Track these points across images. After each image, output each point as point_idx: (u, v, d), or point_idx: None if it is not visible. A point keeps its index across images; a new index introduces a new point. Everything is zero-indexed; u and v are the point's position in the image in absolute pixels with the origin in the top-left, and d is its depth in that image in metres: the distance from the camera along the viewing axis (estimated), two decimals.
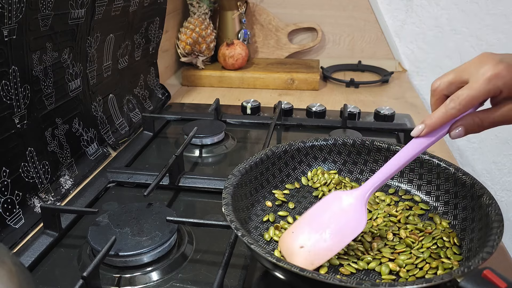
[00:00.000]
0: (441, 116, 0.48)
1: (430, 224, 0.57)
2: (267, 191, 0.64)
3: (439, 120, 0.48)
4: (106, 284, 0.53)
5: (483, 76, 0.45)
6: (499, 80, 0.45)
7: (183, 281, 0.54)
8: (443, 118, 0.48)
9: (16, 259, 0.35)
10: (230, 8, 1.32)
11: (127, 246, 0.55)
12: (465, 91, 0.46)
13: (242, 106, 1.05)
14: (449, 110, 0.47)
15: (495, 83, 0.45)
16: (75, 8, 0.71)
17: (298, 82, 1.26)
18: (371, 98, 1.19)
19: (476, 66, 0.46)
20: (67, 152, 0.75)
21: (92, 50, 0.81)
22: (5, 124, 0.61)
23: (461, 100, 0.46)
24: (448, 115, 0.47)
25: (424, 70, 1.42)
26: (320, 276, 0.41)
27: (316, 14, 1.39)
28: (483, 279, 0.39)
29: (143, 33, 1.00)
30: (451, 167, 0.60)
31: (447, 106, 0.47)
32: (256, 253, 0.45)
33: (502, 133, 1.43)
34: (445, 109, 0.47)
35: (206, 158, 0.86)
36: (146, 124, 0.93)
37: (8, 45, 0.59)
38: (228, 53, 1.27)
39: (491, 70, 0.45)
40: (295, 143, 0.67)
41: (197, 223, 0.57)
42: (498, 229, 0.46)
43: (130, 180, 0.75)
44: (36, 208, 0.65)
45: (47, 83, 0.69)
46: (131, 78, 0.99)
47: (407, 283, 0.40)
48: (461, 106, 0.46)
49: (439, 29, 1.37)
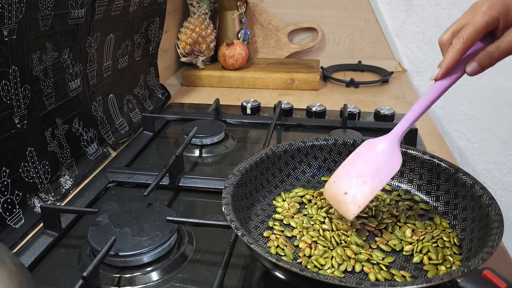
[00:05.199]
0: (451, 55, 0.52)
1: (430, 224, 0.57)
2: (267, 190, 0.64)
3: (450, 59, 0.52)
4: (106, 284, 0.53)
5: (479, 10, 0.51)
6: (493, 9, 0.50)
7: (183, 281, 0.54)
8: (453, 57, 0.52)
9: (16, 259, 0.35)
10: (230, 8, 1.32)
11: (127, 246, 0.55)
12: (466, 28, 0.52)
13: (242, 106, 1.05)
14: (456, 47, 0.52)
15: (490, 12, 0.50)
16: (75, 8, 0.71)
17: (298, 82, 1.26)
18: (371, 98, 1.19)
19: (472, 10, 0.52)
20: (67, 152, 0.75)
21: (92, 50, 0.81)
22: (5, 124, 0.61)
23: (463, 35, 0.51)
24: (457, 53, 0.52)
25: (424, 70, 1.42)
26: (320, 276, 0.41)
27: (316, 14, 1.39)
28: (483, 279, 0.39)
29: (143, 33, 1.00)
30: (451, 167, 0.60)
31: (454, 45, 0.52)
32: (256, 253, 0.45)
33: (502, 133, 1.43)
34: (453, 49, 0.52)
35: (206, 158, 0.86)
36: (146, 124, 0.93)
37: (8, 45, 0.59)
38: (228, 53, 1.27)
39: (485, 4, 0.51)
40: (295, 143, 0.67)
41: (197, 223, 0.57)
42: (498, 229, 0.46)
43: (130, 180, 0.75)
44: (36, 208, 0.65)
45: (47, 83, 0.69)
46: (131, 78, 0.99)
47: (407, 283, 0.40)
48: (465, 39, 0.51)
49: (439, 29, 1.37)
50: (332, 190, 0.57)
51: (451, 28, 0.54)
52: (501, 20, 0.51)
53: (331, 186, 0.57)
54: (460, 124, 1.44)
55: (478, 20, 0.51)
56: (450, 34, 0.54)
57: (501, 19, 0.51)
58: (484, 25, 0.51)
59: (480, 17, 0.51)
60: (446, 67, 0.53)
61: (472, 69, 0.52)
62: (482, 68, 0.52)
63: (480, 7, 0.51)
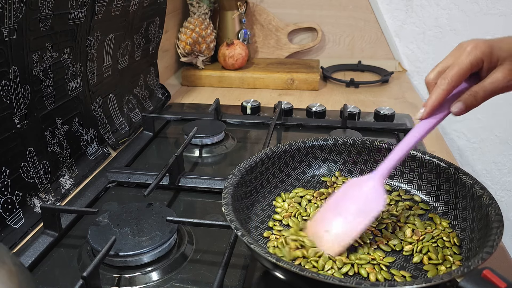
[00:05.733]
0: (436, 95, 0.52)
1: (430, 224, 0.57)
2: (267, 191, 0.64)
3: (436, 99, 0.53)
4: (106, 284, 0.53)
5: (464, 51, 0.51)
6: (478, 50, 0.51)
7: (183, 281, 0.54)
8: (438, 97, 0.52)
9: (16, 259, 0.35)
10: (230, 8, 1.32)
11: (127, 246, 0.55)
12: (451, 68, 0.52)
13: (242, 106, 1.05)
14: (441, 87, 0.52)
15: (476, 53, 0.51)
16: (75, 8, 0.71)
17: (298, 82, 1.26)
18: (371, 98, 1.19)
19: (457, 49, 0.53)
20: (67, 152, 0.75)
21: (92, 50, 0.81)
22: (5, 124, 0.61)
23: (448, 76, 0.51)
24: (442, 93, 0.52)
25: (424, 70, 1.42)
26: (320, 276, 0.41)
27: (316, 14, 1.39)
28: (483, 279, 0.39)
29: (143, 33, 1.00)
30: (451, 167, 0.60)
31: (439, 85, 0.52)
32: (256, 253, 0.45)
33: (502, 133, 1.43)
34: (438, 89, 0.52)
35: (206, 158, 0.86)
36: (146, 124, 0.93)
37: (8, 45, 0.59)
38: (228, 53, 1.27)
39: (470, 45, 0.51)
40: (295, 143, 0.67)
41: (197, 223, 0.57)
42: (498, 229, 0.46)
43: (130, 180, 0.75)
44: (36, 208, 0.65)
45: (47, 83, 0.69)
46: (131, 78, 0.99)
47: (407, 283, 0.40)
48: (450, 80, 0.51)
49: (439, 29, 1.37)
50: (314, 227, 0.55)
51: (437, 67, 0.54)
52: (485, 61, 0.51)
53: (314, 224, 0.56)
54: (460, 124, 1.44)
55: (463, 60, 0.51)
56: (436, 74, 0.54)
57: (485, 60, 0.51)
58: (468, 65, 0.51)
59: (465, 57, 0.51)
60: (431, 106, 0.53)
61: (458, 109, 0.52)
62: (467, 108, 0.52)
63: (466, 47, 0.51)
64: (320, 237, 0.53)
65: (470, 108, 0.53)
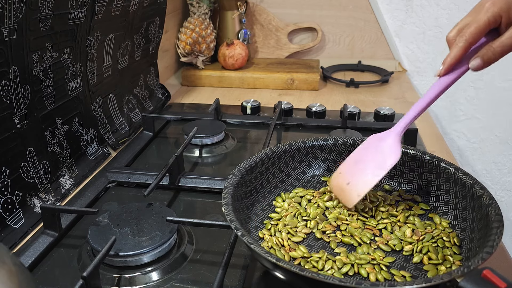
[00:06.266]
0: (454, 53, 0.54)
1: (430, 224, 0.57)
2: (267, 191, 0.64)
3: (453, 56, 0.55)
4: (106, 284, 0.53)
5: (483, 8, 0.53)
6: (495, 6, 0.52)
7: (183, 281, 0.54)
8: (456, 54, 0.54)
9: (16, 259, 0.35)
10: (230, 8, 1.32)
11: (127, 246, 0.55)
12: (469, 25, 0.54)
13: (242, 106, 1.05)
14: (458, 45, 0.54)
15: (493, 10, 0.52)
16: (75, 8, 0.71)
17: (298, 82, 1.26)
18: (371, 98, 1.19)
19: (477, 7, 0.54)
20: (67, 152, 0.75)
21: (92, 50, 0.81)
22: (5, 124, 0.61)
23: (466, 33, 0.53)
24: (459, 50, 0.54)
25: (424, 70, 1.42)
26: (320, 276, 0.41)
27: (316, 14, 1.39)
28: (483, 279, 0.39)
29: (143, 33, 1.00)
30: (451, 167, 0.60)
31: (457, 42, 0.54)
32: (256, 253, 0.45)
33: (502, 133, 1.43)
34: (456, 46, 0.54)
35: (206, 158, 0.86)
36: (146, 124, 0.93)
37: (8, 45, 0.59)
38: (228, 53, 1.27)
39: (488, 1, 0.53)
40: (295, 143, 0.67)
41: (197, 223, 0.57)
42: (498, 229, 0.46)
43: (130, 180, 0.75)
44: (36, 208, 0.65)
45: (47, 83, 0.69)
46: (131, 78, 0.99)
47: (407, 283, 0.40)
48: (468, 37, 0.53)
49: (439, 29, 1.37)
50: (337, 180, 0.61)
51: (458, 25, 0.56)
52: (503, 16, 0.52)
53: (337, 176, 0.62)
54: (460, 124, 1.44)
55: (481, 17, 0.53)
56: (456, 31, 0.56)
57: (503, 16, 0.52)
58: (486, 22, 0.52)
59: (483, 14, 0.52)
60: (449, 63, 0.55)
61: (476, 64, 0.54)
62: (485, 63, 0.54)
63: (484, 3, 0.53)
64: (342, 190, 0.60)
65: (488, 63, 0.54)
